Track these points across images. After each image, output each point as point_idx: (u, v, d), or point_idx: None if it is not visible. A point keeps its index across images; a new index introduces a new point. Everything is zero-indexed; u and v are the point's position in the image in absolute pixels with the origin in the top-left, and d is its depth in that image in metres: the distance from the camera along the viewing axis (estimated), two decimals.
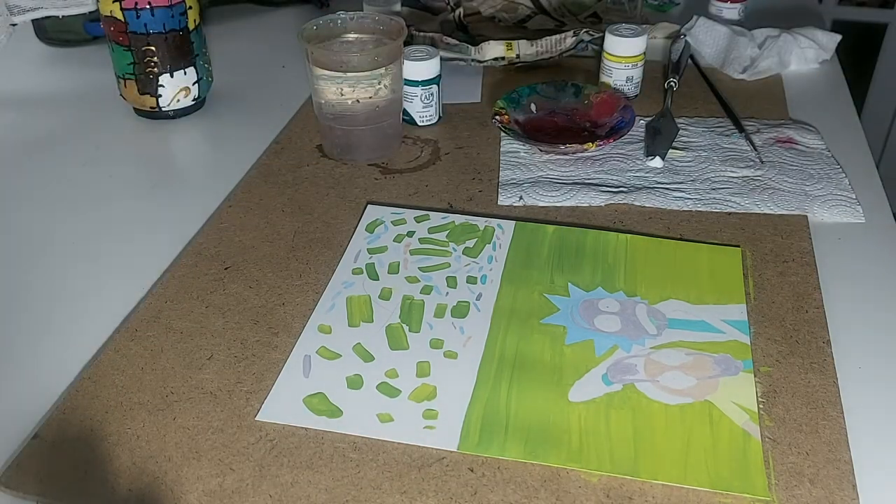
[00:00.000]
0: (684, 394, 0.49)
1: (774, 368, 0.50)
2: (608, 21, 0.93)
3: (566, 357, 0.51)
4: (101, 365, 0.51)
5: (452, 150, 0.74)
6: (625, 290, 0.57)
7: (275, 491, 0.43)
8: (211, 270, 0.59)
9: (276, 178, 0.70)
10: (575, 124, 0.75)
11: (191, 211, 0.66)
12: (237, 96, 0.85)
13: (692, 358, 0.51)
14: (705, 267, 0.58)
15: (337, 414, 0.48)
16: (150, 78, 0.77)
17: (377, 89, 0.69)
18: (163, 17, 0.74)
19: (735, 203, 0.65)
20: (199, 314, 0.55)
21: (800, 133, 0.74)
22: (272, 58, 0.94)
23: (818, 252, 0.60)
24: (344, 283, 0.57)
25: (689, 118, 0.77)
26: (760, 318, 0.54)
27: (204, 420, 0.47)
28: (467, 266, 0.59)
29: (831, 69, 0.89)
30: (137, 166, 0.74)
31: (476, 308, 0.55)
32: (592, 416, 0.47)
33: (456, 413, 0.47)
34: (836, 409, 0.48)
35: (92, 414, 0.48)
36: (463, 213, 0.65)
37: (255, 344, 0.53)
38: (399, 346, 0.52)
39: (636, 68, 0.80)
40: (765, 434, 0.46)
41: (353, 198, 0.67)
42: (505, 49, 0.85)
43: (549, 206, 0.65)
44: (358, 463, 0.45)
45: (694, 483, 0.43)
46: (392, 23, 0.71)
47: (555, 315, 0.54)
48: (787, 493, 0.43)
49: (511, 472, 0.44)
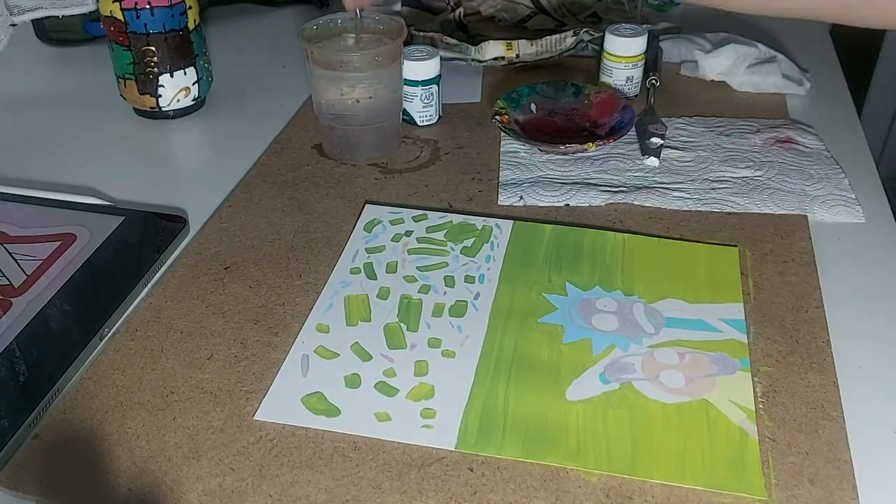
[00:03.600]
0: (681, 392, 0.49)
1: (774, 368, 0.50)
2: (608, 21, 0.92)
3: (564, 356, 0.51)
4: (101, 365, 0.51)
5: (452, 149, 0.74)
6: (622, 289, 0.57)
7: (275, 491, 0.43)
8: (211, 270, 0.59)
9: (275, 177, 0.70)
10: (575, 124, 0.75)
11: (191, 211, 0.66)
12: (237, 96, 0.85)
13: (689, 357, 0.51)
14: (702, 266, 0.58)
15: (335, 413, 0.48)
16: (150, 78, 0.77)
17: (377, 89, 0.69)
18: (163, 17, 0.74)
19: (735, 203, 0.65)
20: (199, 314, 0.55)
21: (800, 133, 0.74)
22: (272, 58, 0.94)
23: (818, 252, 0.60)
24: (342, 283, 0.58)
25: (689, 118, 0.77)
26: (760, 318, 0.54)
27: (204, 420, 0.48)
28: (465, 265, 0.59)
29: (831, 69, 0.89)
30: (137, 166, 0.74)
31: (474, 307, 0.55)
32: (590, 415, 0.47)
33: (454, 412, 0.48)
34: (836, 409, 0.48)
35: (92, 414, 0.48)
36: (463, 212, 0.65)
37: (255, 344, 0.53)
38: (397, 345, 0.52)
39: (636, 68, 0.79)
40: (765, 434, 0.46)
41: (353, 197, 0.67)
42: (505, 49, 0.85)
43: (548, 206, 0.65)
44: (358, 463, 0.45)
45: (691, 482, 0.43)
46: (392, 23, 0.71)
47: (552, 314, 0.54)
48: (787, 493, 0.43)
49: (511, 472, 0.44)
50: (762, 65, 0.82)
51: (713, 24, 0.98)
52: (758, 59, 0.82)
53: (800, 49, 0.92)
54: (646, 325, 0.53)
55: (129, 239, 0.62)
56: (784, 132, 0.74)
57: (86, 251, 0.60)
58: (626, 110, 0.73)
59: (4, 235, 0.62)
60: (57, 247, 0.61)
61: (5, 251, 0.60)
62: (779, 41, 0.95)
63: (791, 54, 0.88)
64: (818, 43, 0.95)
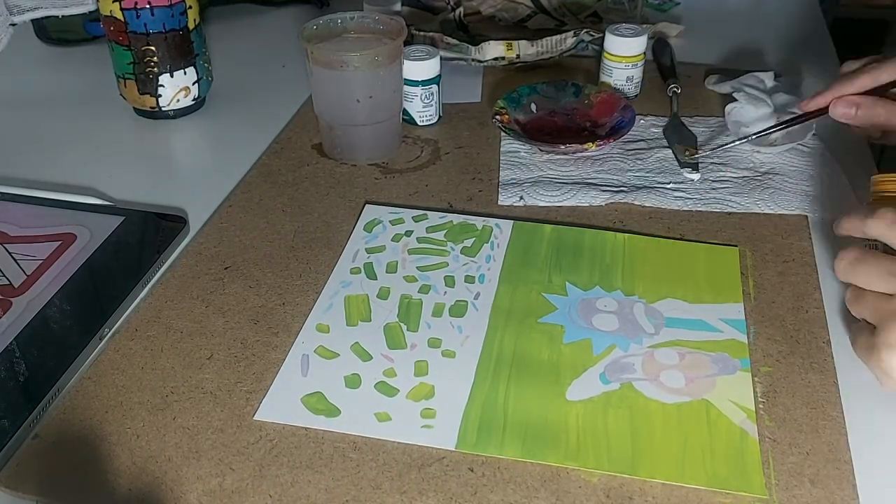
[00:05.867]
0: (682, 392, 0.49)
1: (774, 368, 0.50)
2: (608, 21, 0.92)
3: (564, 356, 0.51)
4: (101, 365, 0.51)
5: (452, 149, 0.74)
6: (622, 289, 0.57)
7: (275, 491, 0.43)
8: (211, 270, 0.59)
9: (276, 177, 0.70)
10: (575, 124, 0.75)
11: (191, 211, 0.66)
12: (237, 96, 0.85)
13: (690, 357, 0.51)
14: (702, 266, 0.58)
15: (335, 413, 0.48)
16: (150, 78, 0.77)
17: (377, 89, 0.69)
18: (163, 16, 0.74)
19: (735, 203, 0.65)
20: (199, 314, 0.55)
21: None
22: (272, 58, 0.94)
23: (818, 252, 0.60)
24: (342, 283, 0.58)
25: (690, 118, 0.77)
26: (760, 318, 0.54)
27: (204, 420, 0.48)
28: (465, 265, 0.59)
29: (832, 70, 0.88)
30: (137, 166, 0.74)
31: (474, 307, 0.55)
32: (590, 415, 0.47)
33: (454, 412, 0.48)
34: (836, 409, 0.48)
35: (92, 414, 0.48)
36: (463, 212, 0.65)
37: (255, 344, 0.53)
38: (397, 345, 0.52)
39: (636, 68, 0.79)
40: (765, 434, 0.46)
41: (354, 197, 0.67)
42: (505, 49, 0.85)
43: (549, 206, 0.65)
44: (358, 463, 0.45)
45: (691, 481, 0.43)
46: (392, 23, 0.71)
47: (553, 314, 0.54)
48: (787, 493, 0.43)
49: (511, 472, 0.44)
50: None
51: (714, 23, 0.98)
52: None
53: (800, 49, 0.92)
54: (646, 325, 0.53)
55: (129, 239, 0.62)
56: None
57: (86, 251, 0.60)
58: (627, 110, 0.73)
59: (4, 235, 0.62)
60: (57, 247, 0.61)
61: (5, 251, 0.60)
62: (779, 41, 0.95)
63: (791, 54, 0.88)
64: (819, 43, 0.95)
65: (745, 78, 0.78)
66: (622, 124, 0.72)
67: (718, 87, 0.80)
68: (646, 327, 0.53)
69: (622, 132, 0.71)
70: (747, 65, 0.83)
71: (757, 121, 0.71)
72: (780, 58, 0.90)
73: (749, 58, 0.90)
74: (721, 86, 0.80)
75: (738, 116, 0.72)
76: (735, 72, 0.81)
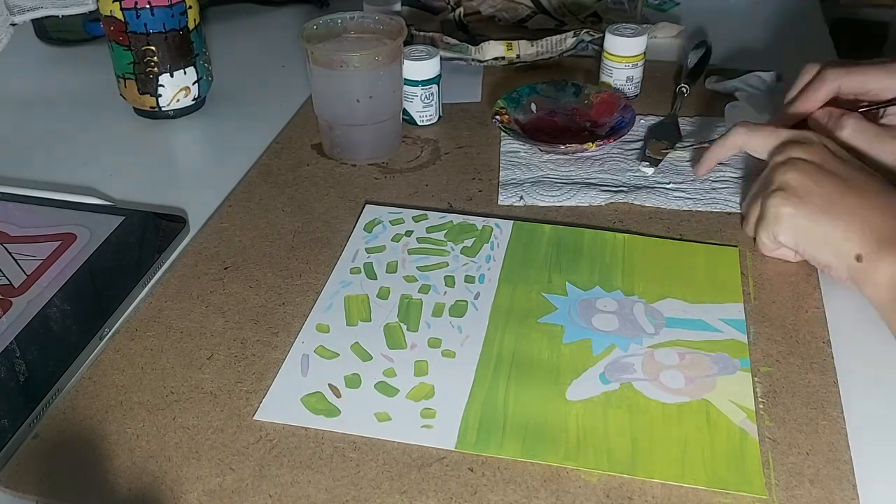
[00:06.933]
0: (682, 392, 0.49)
1: (774, 368, 0.50)
2: (608, 21, 0.92)
3: (564, 356, 0.51)
4: (101, 365, 0.51)
5: (452, 149, 0.74)
6: (622, 289, 0.57)
7: (275, 491, 0.43)
8: (211, 270, 0.59)
9: (275, 177, 0.70)
10: (575, 124, 0.75)
11: (191, 211, 0.66)
12: (237, 96, 0.85)
13: (690, 357, 0.51)
14: (702, 266, 0.58)
15: (335, 413, 0.48)
16: (150, 78, 0.77)
17: (377, 89, 0.69)
18: (163, 16, 0.74)
19: (735, 203, 0.65)
20: (199, 314, 0.55)
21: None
22: (272, 58, 0.94)
23: None
24: (342, 283, 0.58)
25: (690, 118, 0.77)
26: (760, 318, 0.54)
27: (204, 420, 0.48)
28: (465, 265, 0.59)
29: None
30: (137, 166, 0.74)
31: (474, 307, 0.55)
32: (590, 415, 0.47)
33: (454, 412, 0.48)
34: (836, 409, 0.48)
35: (92, 414, 0.48)
36: (463, 212, 0.65)
37: (255, 344, 0.53)
38: (397, 345, 0.52)
39: (636, 68, 0.79)
40: (765, 434, 0.46)
41: (353, 197, 0.67)
42: (505, 49, 0.85)
43: (549, 206, 0.65)
44: (358, 463, 0.45)
45: (691, 481, 0.43)
46: (392, 23, 0.71)
47: (552, 314, 0.54)
48: (787, 493, 0.43)
49: (511, 472, 0.44)
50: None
51: (714, 24, 0.98)
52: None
53: (800, 50, 0.92)
54: (646, 325, 0.53)
55: (129, 239, 0.62)
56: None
57: (86, 251, 0.60)
58: (627, 110, 0.73)
59: (4, 235, 0.62)
60: (57, 247, 0.61)
61: (5, 251, 0.60)
62: (779, 41, 0.95)
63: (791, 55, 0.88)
64: (819, 43, 0.95)
65: (747, 77, 0.78)
66: (622, 124, 0.72)
67: (719, 87, 0.80)
68: (646, 327, 0.53)
69: (622, 132, 0.71)
70: (747, 65, 0.83)
71: (757, 120, 0.71)
72: (780, 58, 0.90)
73: (749, 58, 0.90)
74: (721, 85, 0.80)
75: (739, 116, 0.72)
76: (735, 72, 0.81)
